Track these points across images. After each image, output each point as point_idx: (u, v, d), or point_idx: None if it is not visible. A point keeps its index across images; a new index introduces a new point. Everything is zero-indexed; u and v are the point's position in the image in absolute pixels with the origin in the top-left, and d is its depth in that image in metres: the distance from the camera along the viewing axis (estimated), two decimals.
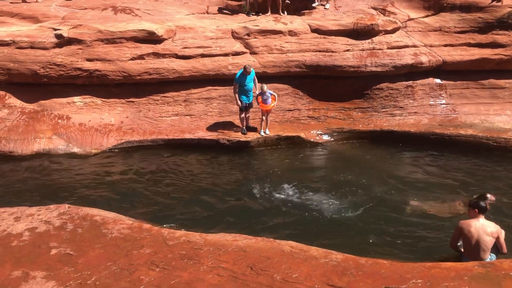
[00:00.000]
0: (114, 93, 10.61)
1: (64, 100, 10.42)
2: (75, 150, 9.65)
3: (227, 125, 10.45)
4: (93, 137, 9.95)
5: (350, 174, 8.35)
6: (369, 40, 11.07)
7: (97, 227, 4.85)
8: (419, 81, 11.06)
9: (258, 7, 12.68)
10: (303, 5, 12.92)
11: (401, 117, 10.73)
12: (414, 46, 11.10)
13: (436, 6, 11.80)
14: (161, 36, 10.57)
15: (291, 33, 11.17)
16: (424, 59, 10.85)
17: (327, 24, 11.34)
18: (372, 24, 11.07)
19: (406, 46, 11.06)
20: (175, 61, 10.55)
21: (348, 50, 10.94)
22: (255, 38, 11.10)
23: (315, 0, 12.71)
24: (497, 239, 4.97)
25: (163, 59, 10.53)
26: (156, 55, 10.49)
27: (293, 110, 10.91)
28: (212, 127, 10.35)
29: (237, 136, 9.99)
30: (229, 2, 13.65)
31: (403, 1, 12.24)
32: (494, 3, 11.25)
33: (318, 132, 10.34)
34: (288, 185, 7.84)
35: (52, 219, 4.99)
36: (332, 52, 10.90)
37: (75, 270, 4.02)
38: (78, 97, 10.49)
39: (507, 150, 9.41)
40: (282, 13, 12.38)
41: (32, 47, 10.21)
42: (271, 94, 9.99)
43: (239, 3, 13.42)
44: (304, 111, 10.90)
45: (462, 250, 5.18)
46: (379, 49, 10.96)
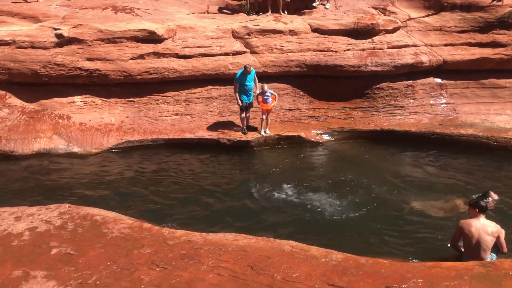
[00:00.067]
0: (115, 93, 10.61)
1: (64, 99, 10.43)
2: (76, 149, 9.66)
3: (227, 124, 10.45)
4: (93, 137, 9.95)
5: (351, 174, 8.35)
6: (370, 40, 11.07)
7: (98, 226, 4.85)
8: (419, 81, 11.07)
9: (258, 7, 12.67)
10: (303, 5, 12.91)
11: (402, 117, 10.73)
12: (415, 45, 11.10)
13: (437, 5, 11.79)
14: (162, 35, 10.57)
15: (292, 32, 11.16)
16: (424, 58, 10.85)
17: (327, 23, 11.34)
18: (372, 24, 11.07)
19: (406, 46, 11.05)
20: (175, 61, 10.55)
21: (348, 50, 10.94)
22: (255, 37, 11.10)
23: (316, 0, 12.71)
24: (498, 238, 4.97)
25: (164, 58, 10.53)
26: (157, 54, 10.49)
27: (294, 109, 10.91)
28: (213, 127, 10.35)
29: (237, 135, 9.99)
30: (230, 1, 13.64)
31: (403, 1, 12.23)
32: (494, 2, 11.24)
33: (318, 132, 10.35)
34: (288, 185, 7.85)
35: (52, 219, 5.00)
36: (333, 51, 10.89)
37: (75, 269, 4.03)
38: (79, 96, 10.50)
39: (507, 150, 9.42)
40: (282, 13, 12.38)
41: (32, 47, 10.21)
42: (271, 94, 9.99)
43: (240, 2, 13.42)
44: (304, 110, 10.90)
45: (463, 250, 5.18)
46: (380, 49, 10.96)
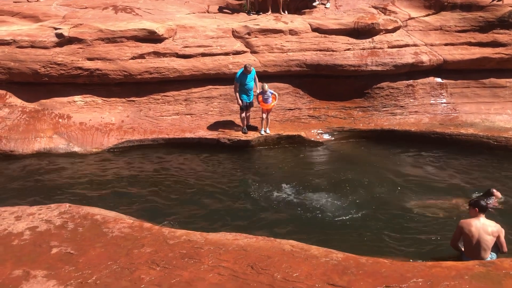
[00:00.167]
0: (115, 92, 10.61)
1: (64, 99, 10.43)
2: (76, 149, 9.66)
3: (227, 124, 10.45)
4: (93, 136, 9.95)
5: (351, 173, 8.35)
6: (370, 39, 11.07)
7: (98, 226, 4.85)
8: (419, 80, 11.06)
9: (258, 6, 12.67)
10: (303, 4, 12.91)
11: (402, 116, 10.73)
12: (415, 45, 11.09)
13: (437, 5, 11.79)
14: (162, 35, 10.56)
15: (292, 32, 11.16)
16: (424, 58, 10.85)
17: (327, 23, 11.33)
18: (372, 23, 11.07)
19: (406, 45, 11.05)
20: (175, 60, 10.54)
21: (348, 49, 10.93)
22: (255, 37, 11.09)
23: None
24: (498, 238, 4.96)
25: (164, 58, 10.52)
26: (157, 54, 10.49)
27: (294, 109, 10.91)
28: (213, 126, 10.35)
29: (237, 135, 9.99)
30: (230, 1, 13.63)
31: (403, 0, 12.23)
32: (494, 2, 11.23)
33: (318, 131, 10.35)
34: (288, 184, 7.84)
35: (52, 218, 5.00)
36: (333, 51, 10.89)
37: (75, 269, 4.03)
38: (79, 96, 10.49)
39: (507, 149, 9.42)
40: (282, 12, 12.38)
41: (32, 46, 10.20)
42: (271, 94, 9.99)
43: (240, 2, 13.41)
44: (304, 110, 10.89)
45: (463, 249, 5.18)
46: (380, 48, 10.96)
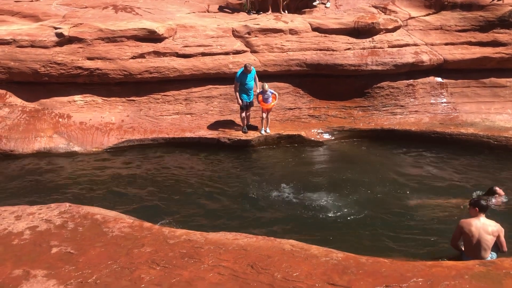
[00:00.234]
0: (115, 92, 10.60)
1: (64, 98, 10.42)
2: (76, 149, 9.66)
3: (228, 123, 10.45)
4: (93, 136, 9.95)
5: (351, 173, 8.35)
6: (370, 39, 11.06)
7: (98, 225, 4.85)
8: (420, 80, 11.06)
9: (259, 6, 12.66)
10: (304, 4, 12.90)
11: (402, 116, 10.73)
12: (415, 44, 11.09)
13: (437, 4, 11.78)
14: (162, 34, 10.56)
15: (292, 31, 11.15)
16: (425, 57, 10.84)
17: (328, 22, 11.32)
18: (373, 23, 11.06)
19: (407, 45, 11.05)
20: (176, 60, 10.54)
21: (349, 49, 10.93)
22: (255, 36, 11.09)
23: None
24: (498, 237, 4.95)
25: (164, 57, 10.52)
26: (157, 53, 10.49)
27: (294, 108, 10.91)
28: (213, 126, 10.34)
29: (238, 134, 9.99)
30: (230, 0, 13.60)
31: (404, 0, 12.22)
32: (495, 1, 11.23)
33: (318, 131, 10.34)
34: (288, 184, 7.84)
35: (53, 218, 4.99)
36: (333, 50, 10.88)
37: (76, 268, 4.02)
38: (79, 95, 10.49)
39: (507, 149, 9.41)
40: (283, 12, 12.37)
41: (32, 46, 10.20)
42: (272, 93, 9.99)
43: (240, 1, 13.40)
44: (304, 109, 10.89)
45: (463, 249, 5.18)
46: (380, 48, 10.95)
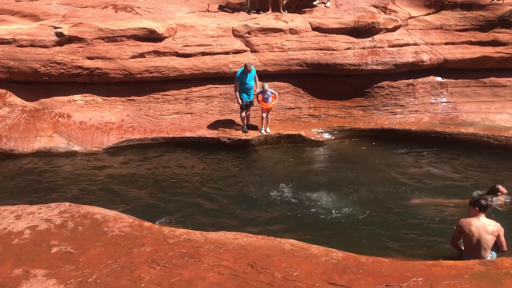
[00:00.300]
0: (115, 91, 10.60)
1: (64, 98, 10.41)
2: (76, 148, 9.66)
3: (228, 123, 10.45)
4: (93, 136, 9.95)
5: (351, 173, 8.35)
6: (370, 38, 11.06)
7: (98, 225, 4.85)
8: (420, 79, 11.06)
9: (259, 5, 12.66)
10: (304, 3, 12.90)
11: (402, 116, 10.72)
12: (415, 44, 11.08)
13: (437, 4, 11.78)
14: (162, 34, 10.55)
15: (292, 31, 11.15)
16: (425, 57, 10.84)
17: (328, 22, 11.32)
18: (373, 22, 11.06)
19: (407, 44, 11.05)
20: (175, 59, 10.53)
21: (349, 48, 10.92)
22: (255, 36, 11.08)
23: None
24: (498, 237, 4.95)
25: (164, 57, 10.51)
26: (157, 53, 10.48)
27: (294, 108, 10.90)
28: (213, 125, 10.34)
29: (238, 134, 9.98)
30: (230, 0, 13.62)
31: None
32: (495, 1, 11.22)
33: (318, 131, 10.34)
34: (289, 183, 7.83)
35: (52, 217, 5.00)
36: (333, 50, 10.88)
37: (76, 268, 4.02)
38: (79, 95, 10.48)
39: (507, 149, 9.41)
40: (283, 11, 12.36)
41: (32, 45, 10.19)
42: (272, 93, 9.98)
43: (240, 1, 13.39)
44: (305, 109, 10.89)
45: (463, 248, 5.18)
46: (380, 47, 10.95)
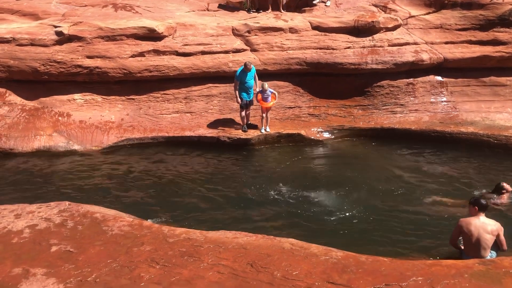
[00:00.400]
0: (115, 91, 10.59)
1: (64, 97, 10.41)
2: (76, 147, 9.66)
3: (227, 122, 10.44)
4: (93, 135, 9.95)
5: (351, 172, 8.35)
6: (370, 38, 11.05)
7: (98, 224, 4.85)
8: (420, 79, 11.05)
9: (258, 4, 12.65)
10: (304, 2, 12.89)
11: (402, 115, 10.72)
12: (415, 43, 11.08)
13: (437, 3, 11.77)
14: (162, 33, 10.54)
15: (292, 30, 11.14)
16: (425, 56, 10.83)
17: (328, 21, 11.31)
18: (373, 21, 11.05)
19: (407, 44, 11.04)
20: (175, 58, 10.52)
21: (348, 48, 10.92)
22: (255, 35, 11.07)
23: None
24: (498, 236, 4.95)
25: (164, 56, 10.50)
26: (157, 52, 10.47)
27: (294, 107, 10.90)
28: (213, 125, 10.34)
29: (237, 133, 9.98)
30: None
31: None
32: (495, 0, 11.21)
33: (318, 130, 10.34)
34: (288, 183, 7.83)
35: (52, 216, 5.00)
36: (333, 49, 10.87)
37: (75, 267, 4.03)
38: (79, 94, 10.48)
39: (507, 148, 9.41)
40: (283, 10, 12.36)
41: (32, 44, 10.18)
42: (271, 92, 9.98)
43: (240, 0, 13.39)
44: (304, 108, 10.89)
45: (462, 248, 5.18)
46: (380, 47, 10.94)
